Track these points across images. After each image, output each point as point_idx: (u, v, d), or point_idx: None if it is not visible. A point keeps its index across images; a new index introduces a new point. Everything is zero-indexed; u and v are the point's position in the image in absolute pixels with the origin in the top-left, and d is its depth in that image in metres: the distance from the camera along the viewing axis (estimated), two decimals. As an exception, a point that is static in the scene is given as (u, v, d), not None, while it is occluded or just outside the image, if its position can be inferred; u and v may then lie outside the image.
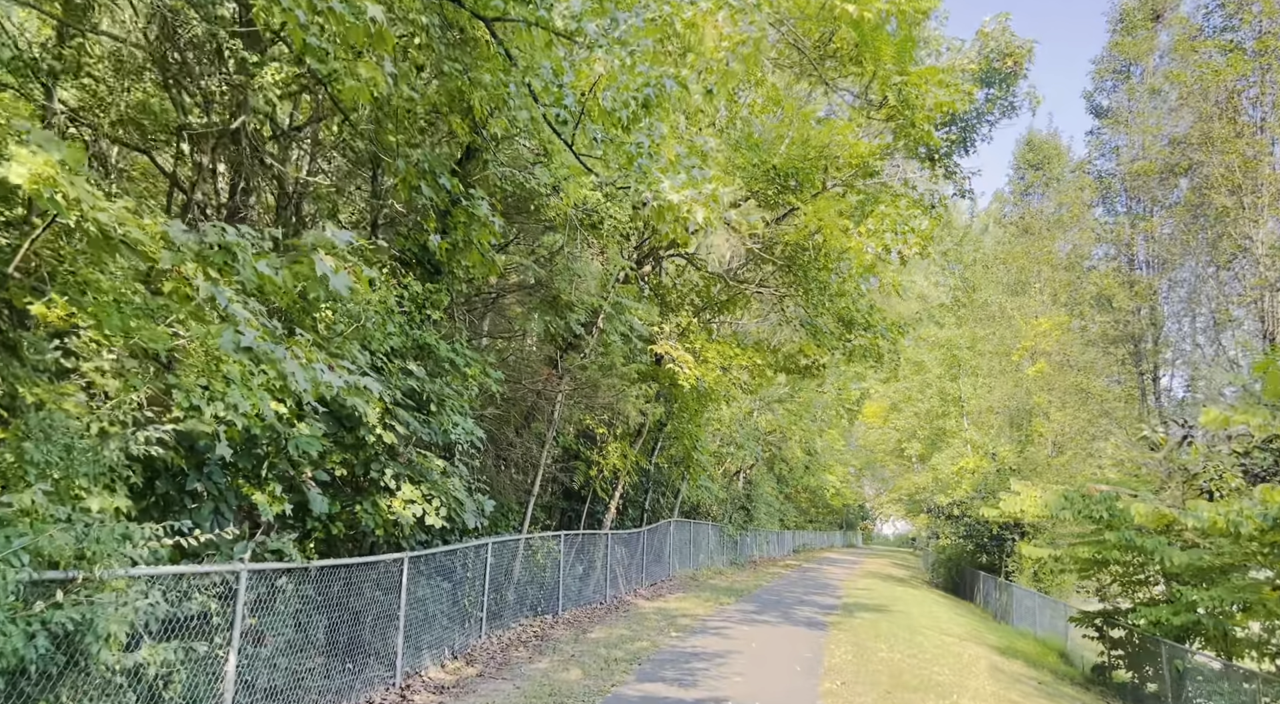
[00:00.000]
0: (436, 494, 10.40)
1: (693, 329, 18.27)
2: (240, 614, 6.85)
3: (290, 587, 8.17)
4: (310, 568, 8.17)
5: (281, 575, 7.80)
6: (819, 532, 68.06)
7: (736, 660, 13.06)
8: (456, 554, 12.54)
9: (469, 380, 12.42)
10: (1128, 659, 17.71)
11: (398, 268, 12.59)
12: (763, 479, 41.39)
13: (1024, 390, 31.09)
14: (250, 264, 4.46)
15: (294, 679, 8.34)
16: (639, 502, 24.99)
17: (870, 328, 17.47)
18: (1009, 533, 30.90)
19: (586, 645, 13.78)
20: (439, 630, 11.87)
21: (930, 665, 14.10)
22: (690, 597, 21.80)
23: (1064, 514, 16.60)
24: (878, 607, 22.92)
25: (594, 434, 19.39)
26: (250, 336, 5.26)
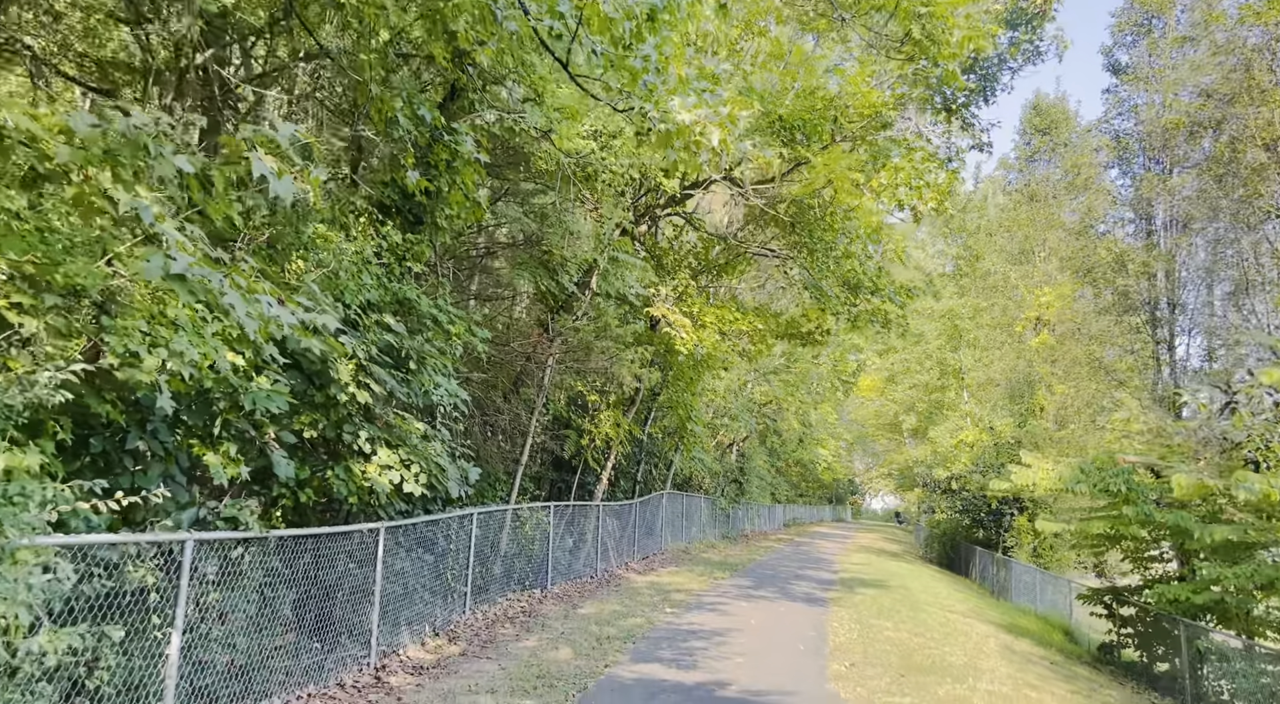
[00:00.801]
0: (416, 459, 9.55)
1: (690, 292, 17.39)
2: (185, 590, 5.99)
3: (250, 559, 7.33)
4: (270, 538, 7.32)
5: (236, 546, 6.94)
6: (809, 506, 67.68)
7: (736, 639, 12.33)
8: (439, 525, 11.72)
9: (452, 339, 11.53)
10: (1137, 638, 17.10)
11: (375, 216, 11.67)
12: (755, 452, 40.73)
13: (1026, 362, 30.36)
14: (168, 160, 3.56)
15: (257, 660, 7.52)
16: (631, 473, 24.24)
17: (878, 291, 16.61)
18: (1008, 508, 30.32)
19: (577, 622, 13.03)
20: (420, 606, 11.08)
21: (940, 645, 13.41)
22: (683, 571, 21.11)
23: (1079, 487, 15.89)
24: (877, 582, 22.30)
25: (586, 402, 18.55)
26: (184, 262, 4.37)
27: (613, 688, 9.10)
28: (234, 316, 4.13)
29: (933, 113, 15.63)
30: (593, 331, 14.93)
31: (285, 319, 4.53)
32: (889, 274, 16.49)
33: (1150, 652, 16.87)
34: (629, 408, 19.95)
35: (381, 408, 9.58)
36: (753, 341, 18.34)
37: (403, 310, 11.12)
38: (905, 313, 17.86)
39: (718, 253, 19.44)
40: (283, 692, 7.58)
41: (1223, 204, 18.65)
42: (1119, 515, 15.56)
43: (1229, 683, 13.60)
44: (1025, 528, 29.15)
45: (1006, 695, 10.37)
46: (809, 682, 9.96)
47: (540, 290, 13.18)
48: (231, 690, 6.92)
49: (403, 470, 9.40)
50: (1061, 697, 11.53)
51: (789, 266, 17.84)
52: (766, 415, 37.20)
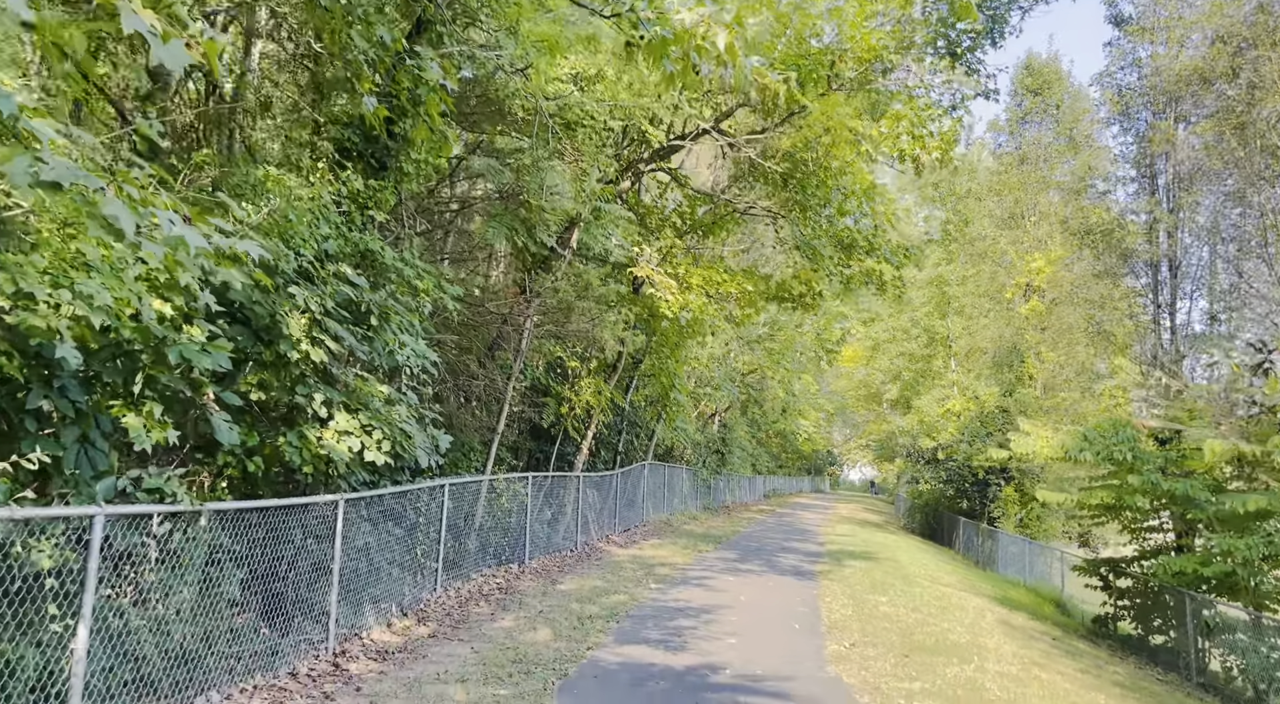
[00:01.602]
0: (378, 425, 8.65)
1: (677, 250, 16.46)
2: (94, 573, 5.09)
3: (183, 536, 6.43)
4: (204, 512, 6.41)
5: (163, 521, 6.04)
6: (789, 477, 67.42)
7: (726, 617, 11.60)
8: (407, 497, 10.86)
9: (420, 295, 10.59)
10: (1134, 610, 16.61)
11: (335, 160, 10.65)
12: (737, 423, 40.07)
13: (1015, 329, 29.75)
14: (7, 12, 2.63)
15: (195, 649, 6.65)
16: (613, 443, 23.43)
17: (873, 251, 15.78)
18: (995, 478, 29.87)
19: (556, 599, 12.25)
20: (386, 584, 10.24)
21: (938, 621, 12.77)
22: (666, 543, 20.41)
23: (1084, 455, 15.25)
24: (864, 554, 21.72)
25: (566, 368, 17.67)
26: (60, 167, 3.43)
27: (596, 673, 8.32)
28: (117, 225, 3.18)
29: (936, 58, 14.71)
30: (573, 292, 14.00)
31: (192, 241, 3.60)
32: (885, 232, 15.70)
33: (1147, 624, 16.39)
34: (611, 375, 19.10)
35: (340, 369, 8.66)
36: (741, 305, 17.49)
37: (365, 263, 10.17)
38: (901, 274, 17.05)
39: (704, 212, 18.51)
40: (224, 684, 6.73)
41: (1241, 155, 17.88)
42: (1123, 484, 14.96)
43: (1238, 658, 13.09)
44: (1012, 498, 28.73)
45: (1017, 677, 9.71)
46: (808, 664, 9.24)
47: (516, 247, 12.22)
48: (162, 685, 6.05)
49: (363, 437, 8.50)
50: (1071, 676, 10.91)
51: (779, 226, 16.95)
52: (749, 385, 36.47)
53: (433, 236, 17.90)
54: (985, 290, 31.97)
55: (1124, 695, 10.46)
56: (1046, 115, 32.04)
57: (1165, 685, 12.50)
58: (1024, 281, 30.09)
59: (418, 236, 16.27)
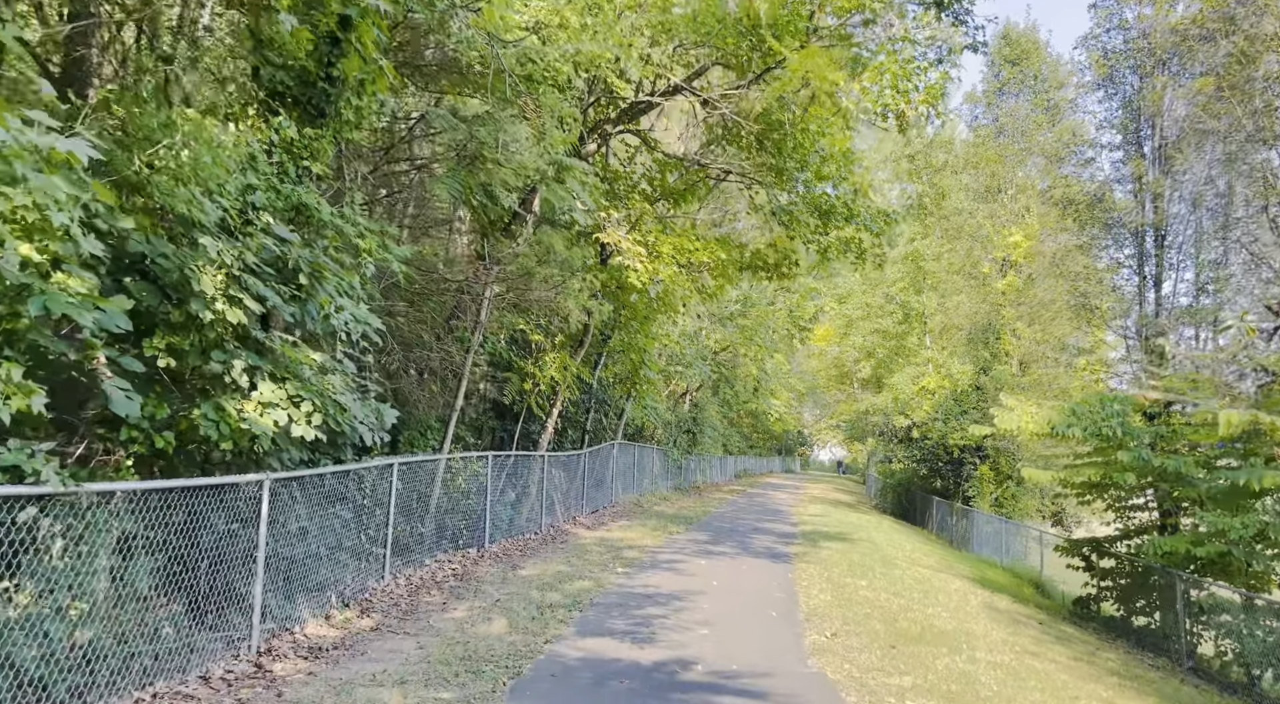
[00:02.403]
0: (308, 396, 7.69)
1: (647, 216, 15.51)
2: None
3: (59, 524, 5.47)
4: (81, 494, 5.45)
5: (25, 506, 5.07)
6: (760, 457, 67.10)
7: (698, 604, 10.81)
8: (350, 477, 9.92)
9: (362, 255, 9.61)
10: (1118, 591, 16.09)
11: (266, 106, 9.60)
12: (708, 403, 39.35)
13: (991, 305, 29.18)
14: None
15: (89, 653, 5.71)
16: (580, 422, 22.56)
17: (852, 217, 14.96)
18: (970, 456, 29.39)
19: (516, 586, 11.39)
20: (325, 572, 9.31)
21: (922, 606, 12.08)
22: (636, 525, 19.62)
23: (1071, 431, 14.62)
24: (839, 535, 21.09)
25: (529, 342, 16.73)
26: None
27: (553, 671, 7.48)
28: None
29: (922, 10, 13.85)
30: (534, 257, 13.03)
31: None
32: (865, 197, 14.88)
33: (1131, 606, 15.88)
34: (577, 349, 18.19)
35: (265, 333, 7.68)
36: (714, 274, 16.62)
37: (300, 219, 9.17)
38: (881, 242, 16.26)
39: (676, 179, 17.58)
40: (113, 695, 5.78)
41: (1239, 112, 17.16)
42: (1112, 461, 14.36)
43: (1232, 641, 12.55)
44: (987, 477, 28.27)
45: (1011, 668, 9.02)
46: (787, 657, 8.46)
47: (473, 208, 11.24)
48: (28, 699, 5.10)
49: (290, 409, 7.55)
50: (1066, 665, 10.26)
51: (754, 191, 16.08)
52: (721, 363, 35.71)
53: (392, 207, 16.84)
54: (961, 266, 31.38)
55: (1121, 686, 9.83)
56: (1024, 86, 31.39)
57: (1159, 672, 11.94)
58: (1001, 256, 29.52)
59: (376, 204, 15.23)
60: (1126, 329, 22.74)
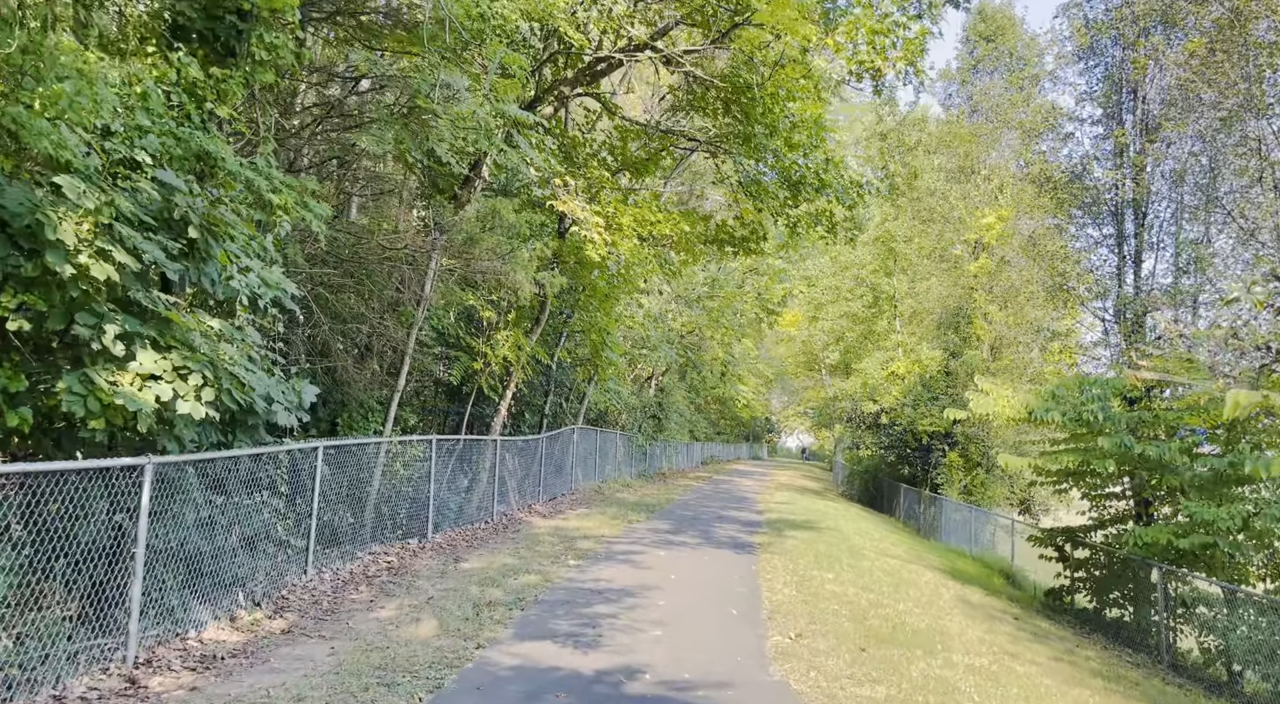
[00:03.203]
0: (198, 368, 6.66)
1: (605, 185, 14.50)
2: None
3: None
4: None
5: None
6: (727, 444, 66.56)
7: (653, 601, 9.93)
8: (264, 461, 8.88)
9: (276, 213, 8.56)
10: (1092, 583, 15.48)
11: (167, 41, 8.50)
12: (675, 388, 38.51)
13: (963, 289, 28.54)
14: None
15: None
16: (538, 405, 21.60)
17: (824, 188, 14.09)
18: (939, 443, 28.82)
19: (455, 580, 10.44)
20: (234, 567, 8.30)
21: (893, 602, 11.31)
22: (595, 513, 18.71)
23: (1050, 415, 13.92)
24: (805, 523, 20.35)
25: (481, 319, 15.72)
26: None
27: (480, 683, 6.55)
28: None
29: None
30: (478, 222, 11.99)
31: None
32: (839, 165, 14.02)
33: (1104, 598, 15.29)
34: (533, 328, 17.20)
35: (147, 294, 6.62)
36: (677, 248, 15.70)
37: (204, 169, 8.11)
38: (854, 215, 15.41)
39: (638, 148, 16.60)
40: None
41: (1233, 74, 16.44)
42: (1091, 448, 13.69)
43: (1215, 637, 11.94)
44: (956, 464, 27.73)
45: (991, 672, 8.25)
46: (748, 663, 7.60)
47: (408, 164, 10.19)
48: None
49: (176, 382, 6.51)
50: (1047, 666, 9.53)
51: (720, 160, 15.16)
52: (688, 347, 34.85)
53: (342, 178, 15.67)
54: (932, 249, 30.71)
55: (1107, 689, 9.11)
56: (999, 63, 30.70)
57: (1140, 671, 11.29)
58: (973, 238, 28.90)
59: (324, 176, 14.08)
60: (1105, 311, 22.20)
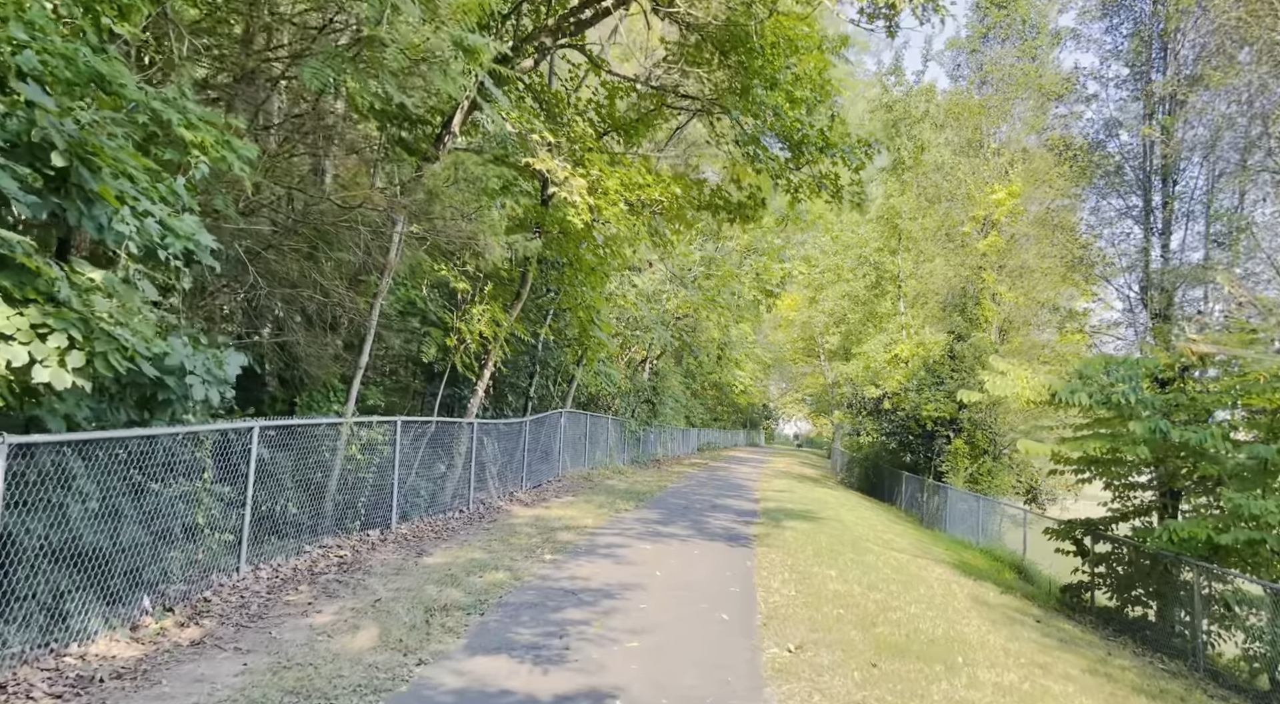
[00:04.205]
0: (62, 327, 5.42)
1: (588, 144, 13.20)
2: None
3: None
4: None
5: None
6: (724, 430, 65.45)
7: (633, 603, 8.75)
8: (182, 442, 7.64)
9: (191, 152, 7.30)
10: (1116, 580, 14.33)
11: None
12: (670, 372, 37.28)
13: (971, 268, 27.25)
14: None
15: None
16: (521, 386, 20.39)
17: (828, 148, 12.82)
18: (943, 429, 27.64)
19: (412, 578, 9.25)
20: (140, 568, 7.09)
21: (903, 603, 10.13)
22: (580, 501, 17.54)
23: (1076, 398, 12.72)
24: (804, 513, 19.18)
25: (455, 292, 14.49)
26: None
27: (412, 714, 5.36)
28: None
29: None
30: (444, 177, 10.71)
31: None
32: (843, 122, 12.74)
33: (1127, 596, 14.15)
34: (513, 302, 15.95)
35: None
36: (669, 217, 14.45)
37: (106, 98, 6.85)
38: (860, 179, 14.12)
39: (627, 108, 15.31)
40: None
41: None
42: (1121, 433, 12.51)
43: (1263, 645, 10.78)
44: (962, 451, 26.55)
45: (1023, 692, 7.06)
46: (739, 685, 6.42)
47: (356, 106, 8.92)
48: None
49: (33, 344, 5.29)
50: (1082, 681, 8.35)
51: (716, 117, 13.88)
52: (683, 329, 33.58)
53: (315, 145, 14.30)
54: (939, 227, 29.40)
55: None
56: (1011, 31, 29.27)
57: (1179, 681, 10.13)
58: (982, 215, 27.60)
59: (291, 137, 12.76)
60: (1129, 287, 20.93)
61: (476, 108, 12.63)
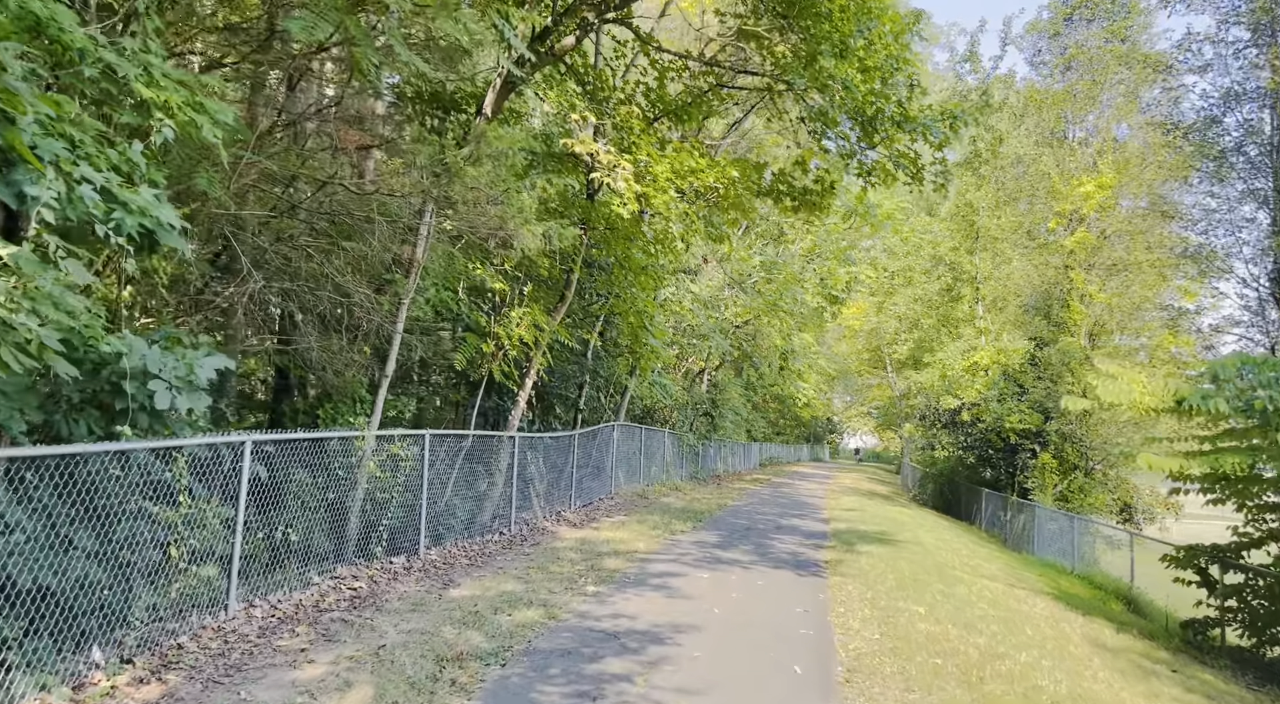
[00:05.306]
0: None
1: (637, 129, 11.88)
2: None
3: None
4: None
5: None
6: (787, 444, 63.50)
7: (686, 650, 7.31)
8: (134, 463, 6.43)
9: (155, 115, 6.16)
10: (1247, 615, 12.38)
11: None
12: (730, 384, 35.70)
13: (1056, 268, 25.17)
14: None
15: None
16: (570, 398, 19.12)
17: (907, 122, 11.27)
18: (1028, 443, 25.49)
19: (430, 618, 7.96)
20: (90, 612, 5.93)
21: (1011, 650, 8.48)
22: (633, 521, 16.16)
23: (1210, 404, 10.91)
24: (879, 535, 17.47)
25: (490, 292, 13.29)
26: None
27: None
28: None
29: None
30: (465, 155, 9.45)
31: None
32: (924, 91, 11.18)
33: (1265, 635, 12.20)
34: (557, 305, 14.70)
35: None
36: (725, 205, 13.01)
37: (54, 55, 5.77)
38: (944, 157, 12.49)
39: (679, 92, 13.98)
40: None
41: None
42: (1271, 444, 10.66)
43: None
44: (1050, 467, 24.42)
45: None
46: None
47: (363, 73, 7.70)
48: None
49: (-100, 334, 4.12)
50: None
51: (778, 94, 12.43)
52: (743, 337, 32.00)
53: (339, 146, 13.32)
54: (1018, 224, 27.35)
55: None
56: (1098, 10, 27.14)
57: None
58: (1068, 209, 25.50)
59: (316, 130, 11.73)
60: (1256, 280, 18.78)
61: (512, 88, 11.44)
